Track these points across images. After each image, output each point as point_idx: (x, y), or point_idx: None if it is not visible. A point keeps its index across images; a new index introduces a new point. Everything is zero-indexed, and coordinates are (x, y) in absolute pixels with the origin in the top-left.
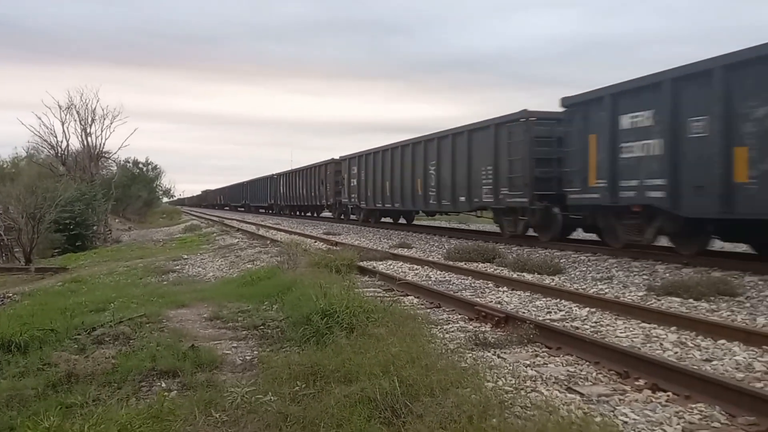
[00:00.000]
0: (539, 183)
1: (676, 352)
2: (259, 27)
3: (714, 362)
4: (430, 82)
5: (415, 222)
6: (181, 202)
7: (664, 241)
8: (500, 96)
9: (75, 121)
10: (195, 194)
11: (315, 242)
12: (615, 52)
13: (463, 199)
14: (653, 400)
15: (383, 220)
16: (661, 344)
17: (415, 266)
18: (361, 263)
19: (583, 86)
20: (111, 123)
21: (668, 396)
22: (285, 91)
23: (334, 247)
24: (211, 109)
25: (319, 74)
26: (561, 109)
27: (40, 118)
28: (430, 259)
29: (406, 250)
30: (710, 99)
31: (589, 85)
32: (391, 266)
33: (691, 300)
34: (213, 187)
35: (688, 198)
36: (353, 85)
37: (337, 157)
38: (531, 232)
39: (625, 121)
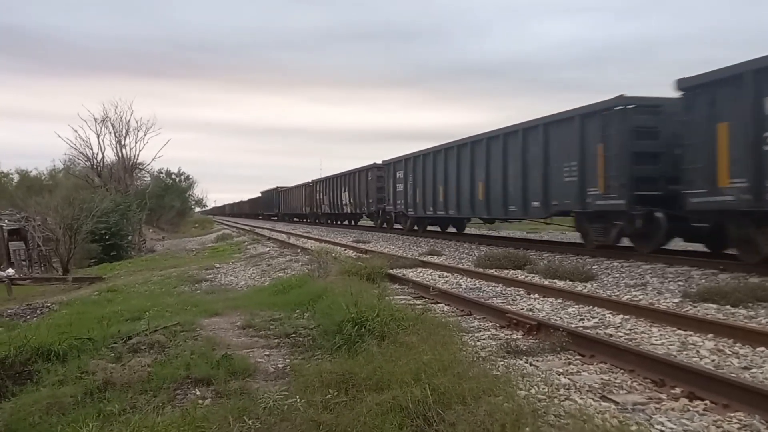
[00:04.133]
0: (640, 182)
1: (713, 360)
2: (277, 37)
3: (753, 370)
4: (448, 89)
5: (447, 230)
6: (220, 210)
7: (699, 246)
8: (518, 102)
9: (110, 133)
10: (246, 198)
11: (345, 250)
12: (631, 55)
13: (537, 204)
14: (690, 408)
15: (429, 228)
16: (698, 351)
17: (446, 274)
18: (391, 271)
19: (603, 90)
20: (145, 135)
21: (705, 404)
22: (305, 99)
23: (364, 255)
24: (237, 118)
25: (337, 82)
26: (676, 94)
27: (76, 131)
28: (460, 266)
29: (435, 257)
30: None
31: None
32: (421, 274)
33: (728, 306)
34: (271, 185)
35: None
36: (371, 93)
37: (379, 161)
38: (625, 242)
39: None
